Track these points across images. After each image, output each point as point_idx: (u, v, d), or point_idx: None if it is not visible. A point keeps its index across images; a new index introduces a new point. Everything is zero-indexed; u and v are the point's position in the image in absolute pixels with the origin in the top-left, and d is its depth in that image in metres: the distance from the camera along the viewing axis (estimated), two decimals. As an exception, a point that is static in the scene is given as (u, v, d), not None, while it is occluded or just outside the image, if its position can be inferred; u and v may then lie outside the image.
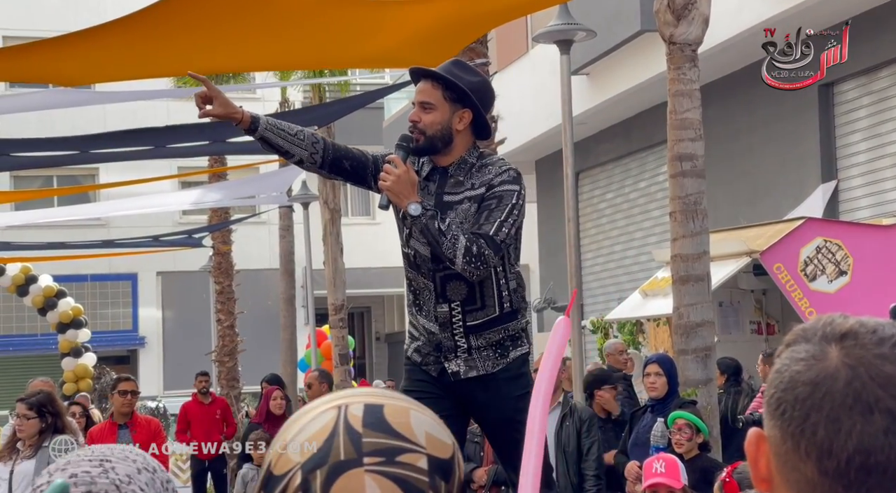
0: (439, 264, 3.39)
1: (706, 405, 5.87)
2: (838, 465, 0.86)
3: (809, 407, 0.88)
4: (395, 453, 0.93)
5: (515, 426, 3.39)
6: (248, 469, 7.89)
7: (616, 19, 11.55)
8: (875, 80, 10.39)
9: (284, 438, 0.96)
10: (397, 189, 3.30)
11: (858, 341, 0.89)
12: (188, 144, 9.32)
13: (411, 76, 3.63)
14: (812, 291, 8.15)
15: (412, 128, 3.44)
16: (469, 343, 3.42)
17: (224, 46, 4.60)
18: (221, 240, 17.91)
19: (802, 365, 0.90)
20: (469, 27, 4.86)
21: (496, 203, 3.38)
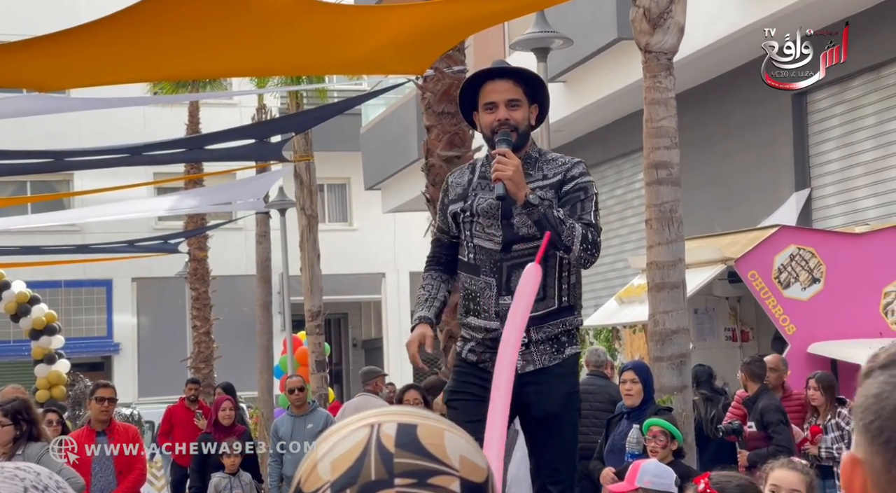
0: (508, 253, 3.44)
1: (681, 412, 5.90)
2: None
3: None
4: (428, 475, 0.90)
5: (558, 424, 3.45)
6: (219, 478, 7.84)
7: (593, 27, 11.61)
8: (847, 89, 10.50)
9: (316, 455, 0.94)
10: (517, 178, 3.34)
11: None
12: (164, 151, 9.28)
13: (474, 76, 3.63)
14: (786, 298, 8.22)
15: (504, 126, 3.47)
16: (530, 337, 3.44)
17: (200, 52, 4.58)
18: (197, 246, 17.83)
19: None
20: (447, 34, 4.87)
21: (584, 195, 3.47)
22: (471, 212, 3.51)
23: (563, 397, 3.45)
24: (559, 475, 3.44)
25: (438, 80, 8.92)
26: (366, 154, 18.75)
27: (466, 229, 3.53)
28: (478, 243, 3.50)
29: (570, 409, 3.48)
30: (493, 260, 3.47)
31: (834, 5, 9.66)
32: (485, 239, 3.49)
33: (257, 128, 10.73)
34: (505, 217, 3.46)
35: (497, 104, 3.48)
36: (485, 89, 3.53)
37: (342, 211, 24.85)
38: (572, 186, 3.46)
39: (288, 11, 4.16)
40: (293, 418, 8.16)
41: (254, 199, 12.60)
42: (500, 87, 3.50)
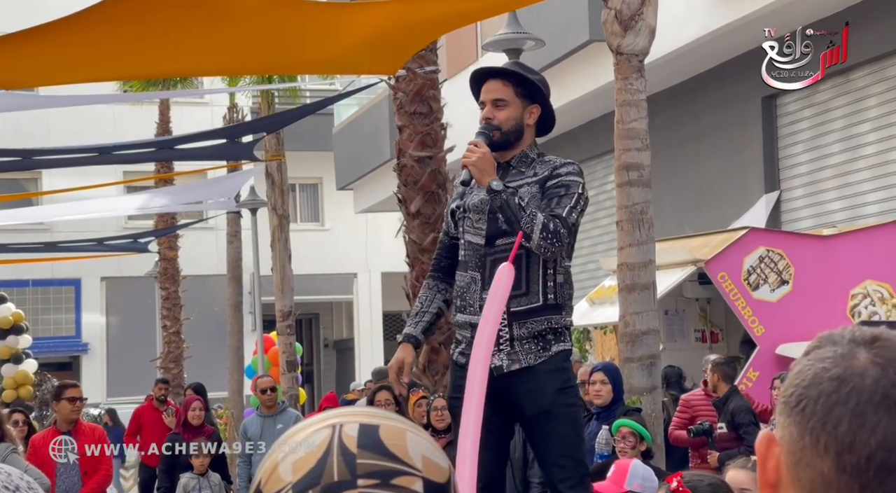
0: (491, 248, 3.49)
1: (651, 413, 5.93)
2: (858, 461, 0.85)
3: (834, 401, 0.87)
4: (391, 475, 0.90)
5: (553, 420, 3.44)
6: (188, 478, 7.79)
7: (565, 29, 11.65)
8: (816, 92, 10.60)
9: (276, 457, 0.93)
10: (481, 165, 3.42)
11: (889, 344, 0.89)
12: (134, 150, 9.20)
13: (475, 78, 3.71)
14: (755, 299, 8.27)
15: (487, 125, 3.56)
16: (512, 333, 3.46)
17: (171, 50, 4.55)
18: (168, 245, 17.72)
19: (829, 362, 0.89)
20: (419, 34, 4.87)
21: (564, 191, 3.50)
22: (463, 208, 3.57)
23: (554, 393, 3.44)
24: (564, 471, 3.43)
25: (411, 80, 8.92)
26: (338, 154, 18.70)
27: (460, 226, 3.60)
28: (467, 239, 3.56)
29: (563, 404, 3.46)
30: (478, 255, 3.52)
31: (799, 10, 9.75)
32: (473, 233, 3.54)
33: (229, 129, 10.68)
34: (492, 211, 3.51)
35: (485, 103, 3.59)
36: (482, 88, 3.66)
37: (314, 211, 24.77)
38: (555, 182, 3.51)
39: (259, 9, 4.14)
40: (263, 418, 8.13)
41: (225, 198, 12.53)
42: (490, 86, 3.61)
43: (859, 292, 8.42)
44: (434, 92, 9.06)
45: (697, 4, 10.39)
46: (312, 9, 4.27)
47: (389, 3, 4.31)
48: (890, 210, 9.63)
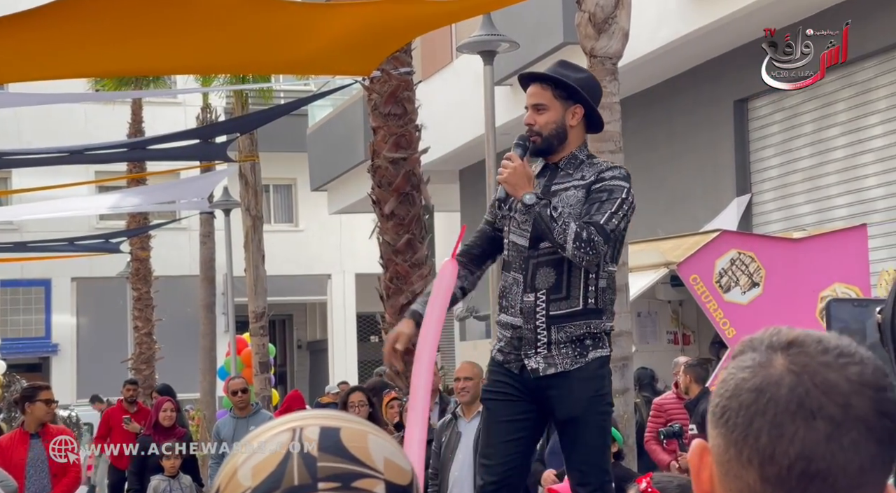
0: (535, 251, 3.49)
1: (623, 414, 5.95)
2: (780, 471, 0.86)
3: (753, 413, 0.88)
4: (352, 478, 0.89)
5: (581, 427, 3.44)
6: (158, 481, 7.74)
7: (539, 31, 11.69)
8: (786, 96, 10.69)
9: (235, 461, 0.92)
10: (513, 181, 3.43)
11: (804, 349, 0.90)
12: (106, 150, 9.13)
13: (521, 82, 3.73)
14: (726, 302, 8.33)
15: (529, 131, 3.57)
16: (550, 337, 3.45)
17: (143, 47, 4.51)
18: (140, 246, 17.60)
19: (748, 372, 0.90)
20: (393, 35, 4.86)
21: (607, 195, 3.50)
22: (510, 206, 3.57)
23: (587, 401, 3.43)
24: (586, 477, 3.44)
25: (385, 81, 8.92)
26: (312, 155, 18.65)
27: (505, 225, 3.61)
28: (512, 240, 3.57)
29: (594, 412, 3.46)
30: (522, 257, 3.52)
31: (770, 14, 9.84)
32: (518, 235, 3.55)
33: (202, 130, 10.63)
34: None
35: (528, 108, 3.62)
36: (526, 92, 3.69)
37: (288, 212, 24.69)
38: (599, 187, 3.51)
39: (233, 8, 4.12)
40: (236, 420, 8.09)
41: (198, 198, 12.47)
42: (530, 91, 3.63)
43: (828, 295, 8.50)
44: (408, 93, 9.06)
45: (671, 8, 10.46)
46: (287, 8, 4.26)
47: (364, 4, 4.31)
48: (858, 214, 9.74)
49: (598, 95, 3.71)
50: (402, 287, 8.77)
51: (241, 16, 4.23)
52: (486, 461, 3.53)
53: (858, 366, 0.89)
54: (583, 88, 3.59)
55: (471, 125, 13.06)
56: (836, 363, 0.89)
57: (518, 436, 3.49)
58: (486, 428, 3.60)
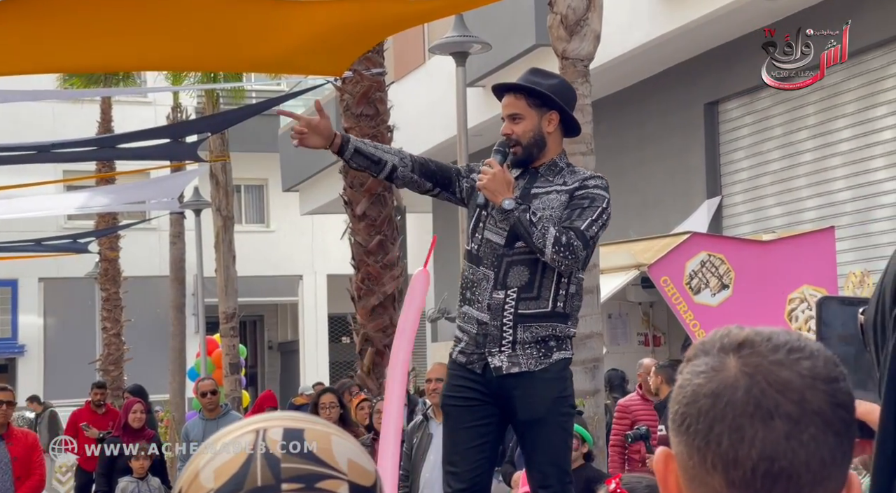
0: (510, 249, 3.50)
1: (593, 416, 5.97)
2: (744, 474, 0.87)
3: (713, 419, 0.88)
4: (316, 479, 0.89)
5: (544, 428, 3.44)
6: (127, 482, 7.68)
7: (511, 33, 11.70)
8: (757, 99, 10.78)
9: (197, 463, 0.92)
10: (493, 187, 3.44)
11: (755, 349, 0.90)
12: (75, 149, 9.03)
13: (495, 93, 3.74)
14: (696, 304, 8.38)
15: (508, 140, 3.59)
16: (515, 335, 3.46)
17: (113, 41, 4.46)
18: (108, 246, 17.46)
19: (703, 378, 0.90)
20: (365, 35, 4.85)
21: (588, 203, 3.54)
22: (487, 205, 3.57)
23: (550, 402, 3.45)
24: (548, 479, 3.45)
25: (357, 82, 8.90)
26: (284, 155, 18.58)
27: (480, 220, 3.59)
28: (487, 236, 3.56)
29: (557, 413, 3.48)
30: (496, 254, 3.52)
31: (742, 17, 9.91)
32: (494, 232, 3.55)
33: (173, 129, 10.55)
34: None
35: (504, 119, 3.64)
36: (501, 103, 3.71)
37: (259, 212, 24.57)
38: (582, 193, 3.56)
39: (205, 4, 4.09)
40: (205, 421, 8.03)
41: (168, 198, 12.37)
42: (505, 102, 3.66)
43: (797, 297, 8.57)
44: (381, 94, 9.04)
45: (642, 11, 10.51)
46: (258, 6, 4.23)
47: (336, 4, 4.29)
48: (827, 216, 9.83)
49: (572, 99, 3.73)
50: (373, 288, 8.75)
51: (211, 13, 4.20)
52: (452, 468, 3.51)
53: (809, 360, 0.90)
54: (555, 94, 3.61)
55: (443, 126, 13.05)
56: (787, 360, 0.89)
57: (483, 441, 3.50)
58: (449, 435, 3.57)
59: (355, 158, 3.59)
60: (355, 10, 4.29)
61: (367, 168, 3.64)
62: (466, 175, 3.68)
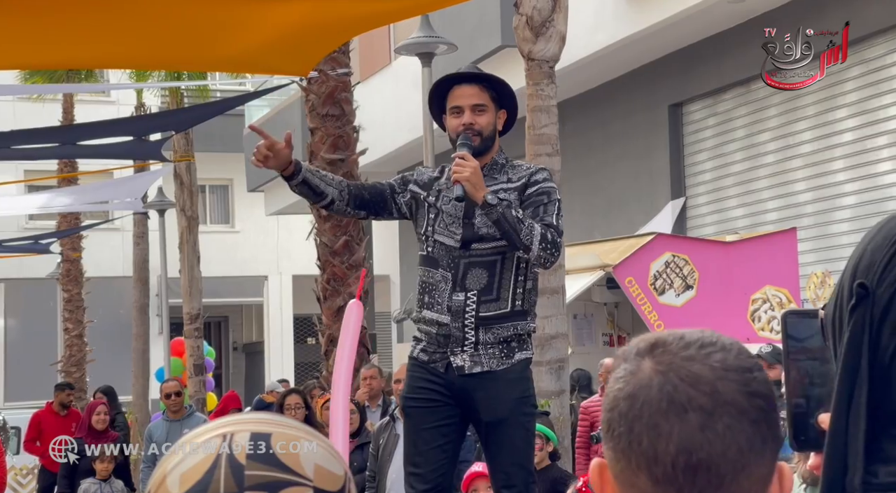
0: (466, 251, 3.47)
1: (559, 416, 6.00)
2: (665, 469, 0.88)
3: (632, 419, 0.90)
4: (280, 486, 0.88)
5: (508, 428, 3.44)
6: (89, 484, 7.61)
7: (477, 34, 11.72)
8: (720, 101, 10.88)
9: (165, 467, 0.91)
10: (475, 180, 3.38)
11: (666, 348, 0.92)
12: (36, 145, 8.91)
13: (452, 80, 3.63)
14: (660, 304, 8.44)
15: (467, 130, 3.51)
16: (477, 337, 3.45)
17: (73, 38, 4.40)
18: (71, 246, 17.25)
19: (622, 382, 0.92)
20: (331, 35, 4.83)
21: (547, 198, 3.52)
22: (436, 208, 3.55)
23: (514, 402, 3.45)
24: (512, 479, 3.45)
25: (323, 82, 8.86)
26: (249, 155, 18.43)
27: (429, 225, 3.56)
28: (438, 239, 3.54)
29: (520, 413, 3.48)
30: (451, 256, 3.50)
31: (708, 19, 10.00)
32: (446, 236, 3.53)
33: (136, 122, 10.44)
34: (467, 216, 3.51)
35: (463, 109, 3.54)
36: (452, 94, 3.59)
37: (224, 213, 24.40)
38: (535, 190, 3.52)
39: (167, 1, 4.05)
40: (168, 422, 7.98)
41: (131, 199, 12.25)
42: (467, 91, 3.57)
43: (759, 297, 8.66)
44: (346, 94, 9.02)
45: (607, 12, 10.57)
46: (223, 4, 4.20)
47: (301, 3, 4.27)
48: (788, 217, 9.94)
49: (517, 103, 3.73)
50: (339, 289, 8.73)
51: (175, 12, 4.16)
52: (415, 469, 3.50)
53: (721, 353, 0.91)
54: (510, 95, 3.64)
55: (409, 127, 13.05)
56: (698, 355, 0.91)
57: (445, 441, 3.49)
58: (411, 436, 3.55)
59: (300, 186, 3.57)
60: (321, 9, 4.28)
61: (307, 196, 3.62)
62: (401, 190, 3.62)
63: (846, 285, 1.19)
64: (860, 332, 1.15)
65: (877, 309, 1.15)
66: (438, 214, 3.55)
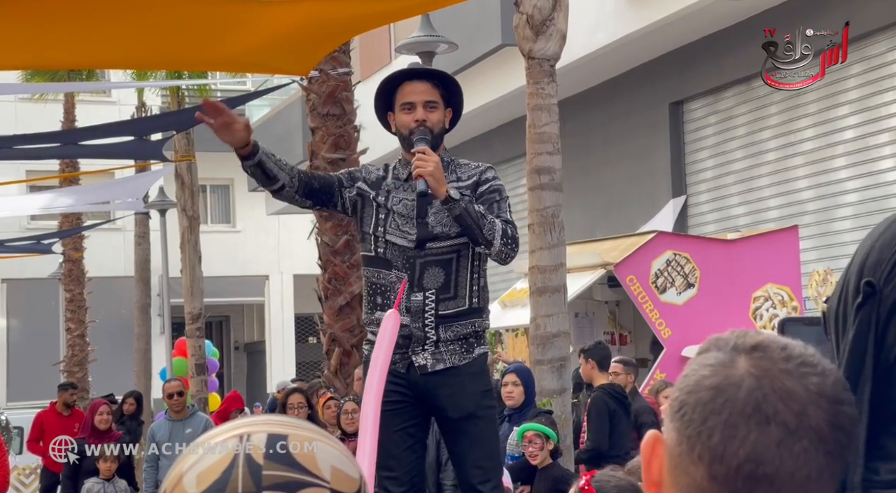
0: (421, 251, 3.45)
1: (560, 415, 6.00)
2: (728, 471, 0.88)
3: (709, 411, 0.89)
4: (297, 487, 0.89)
5: (476, 423, 3.46)
6: (93, 484, 7.62)
7: (477, 33, 11.72)
8: (721, 99, 10.87)
9: (182, 467, 0.92)
10: (438, 174, 3.36)
11: (767, 354, 0.91)
12: (37, 145, 8.92)
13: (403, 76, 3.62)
14: (662, 302, 8.44)
15: (419, 126, 3.49)
16: (438, 335, 3.45)
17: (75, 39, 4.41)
18: (72, 246, 17.26)
19: (709, 370, 0.91)
20: (332, 34, 4.83)
21: (499, 195, 3.54)
22: (386, 209, 3.51)
23: (478, 396, 3.48)
24: (488, 473, 3.46)
25: (323, 81, 8.86)
26: (250, 155, 18.47)
27: (379, 225, 3.52)
28: (390, 240, 3.50)
29: (484, 407, 3.51)
30: (405, 256, 3.48)
31: (706, 17, 10.00)
32: (398, 236, 3.50)
33: (137, 124, 10.45)
34: (420, 216, 3.49)
35: (415, 105, 3.51)
36: (403, 90, 3.56)
37: (225, 212, 24.41)
38: (487, 188, 3.53)
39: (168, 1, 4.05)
40: (171, 422, 7.98)
41: (133, 199, 12.27)
42: (419, 88, 3.54)
43: (761, 295, 8.66)
44: (347, 94, 9.02)
45: (608, 11, 10.57)
46: (224, 4, 4.21)
47: (302, 3, 4.27)
48: (790, 215, 9.93)
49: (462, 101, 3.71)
50: (340, 288, 8.73)
51: (176, 12, 4.17)
52: (389, 472, 3.49)
53: (819, 377, 0.90)
54: (459, 93, 3.64)
55: (410, 126, 13.03)
56: (797, 372, 0.90)
57: (413, 442, 3.51)
58: (380, 440, 3.53)
59: (254, 168, 3.49)
60: (321, 9, 4.28)
61: (258, 179, 3.54)
62: (349, 185, 3.57)
63: (852, 282, 1.19)
64: (866, 330, 1.15)
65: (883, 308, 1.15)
66: (389, 213, 3.51)
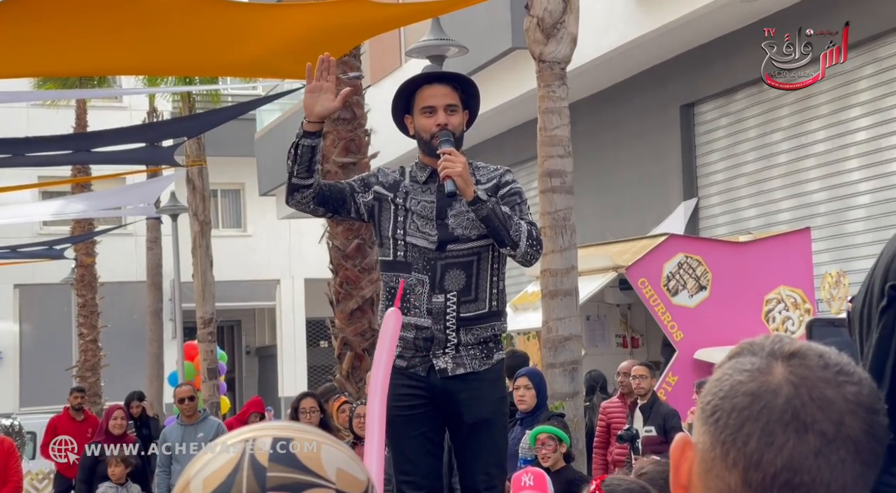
0: (442, 253, 3.44)
1: (573, 418, 5.98)
2: (763, 479, 0.87)
3: (746, 417, 0.88)
4: (302, 488, 0.89)
5: (491, 429, 3.46)
6: (106, 488, 7.63)
7: (488, 36, 11.72)
8: (732, 101, 10.84)
9: (189, 473, 0.93)
10: (466, 174, 3.36)
11: (805, 361, 0.90)
12: (50, 152, 8.96)
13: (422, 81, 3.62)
14: (674, 305, 8.41)
15: (441, 130, 3.49)
16: (459, 338, 3.45)
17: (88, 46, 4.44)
18: (84, 252, 17.33)
19: (746, 376, 0.91)
20: (342, 38, 4.84)
21: (519, 198, 3.54)
22: (405, 209, 3.51)
23: (495, 402, 3.49)
24: (493, 479, 3.47)
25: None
26: (260, 160, 18.51)
27: (399, 227, 3.51)
28: (410, 241, 3.49)
29: (500, 414, 3.53)
30: (426, 258, 3.47)
31: (716, 20, 9.97)
32: (419, 237, 3.49)
33: (148, 129, 10.49)
34: (440, 217, 3.49)
35: (436, 108, 3.53)
36: (422, 93, 3.57)
37: (236, 217, 24.47)
38: (508, 190, 3.53)
39: (180, 8, 4.07)
40: (183, 426, 7.99)
41: (144, 204, 12.31)
42: (440, 91, 3.55)
43: (773, 298, 8.63)
44: (358, 98, 9.04)
45: (618, 13, 10.55)
46: (233, 9, 4.22)
47: (312, 6, 4.28)
48: (802, 217, 9.89)
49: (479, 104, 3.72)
50: (352, 292, 8.73)
51: (188, 16, 4.18)
52: (407, 477, 3.49)
53: (856, 386, 0.90)
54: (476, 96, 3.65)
55: (420, 130, 13.03)
56: (834, 380, 0.89)
57: (432, 446, 3.52)
58: (397, 444, 3.53)
59: (308, 149, 3.46)
60: (332, 13, 4.29)
61: (300, 166, 3.49)
62: (363, 190, 3.56)
63: (877, 284, 1.19)
64: (889, 334, 1.14)
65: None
66: (408, 215, 3.51)
